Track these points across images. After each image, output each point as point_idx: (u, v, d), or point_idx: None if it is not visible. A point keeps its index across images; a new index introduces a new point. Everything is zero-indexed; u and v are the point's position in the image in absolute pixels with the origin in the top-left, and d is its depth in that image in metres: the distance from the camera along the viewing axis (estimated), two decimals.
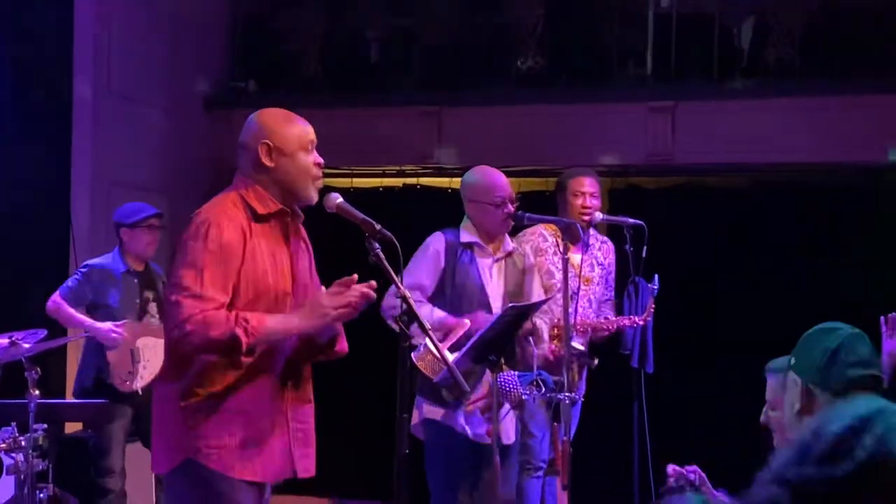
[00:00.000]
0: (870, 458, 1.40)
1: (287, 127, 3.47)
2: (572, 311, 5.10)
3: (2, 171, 7.00)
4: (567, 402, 4.78)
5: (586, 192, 5.55)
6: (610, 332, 5.48)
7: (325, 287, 3.43)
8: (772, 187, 7.77)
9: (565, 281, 4.92)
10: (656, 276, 5.29)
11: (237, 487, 3.36)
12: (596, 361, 5.51)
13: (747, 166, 7.71)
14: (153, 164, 8.04)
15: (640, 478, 5.40)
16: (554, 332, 5.33)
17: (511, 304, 4.79)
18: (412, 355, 4.64)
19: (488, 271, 5.02)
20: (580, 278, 5.43)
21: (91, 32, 7.54)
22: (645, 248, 5.30)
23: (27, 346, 5.00)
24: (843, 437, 1.43)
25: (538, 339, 5.08)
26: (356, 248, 3.39)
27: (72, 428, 6.66)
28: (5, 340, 4.99)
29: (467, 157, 7.36)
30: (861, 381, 2.61)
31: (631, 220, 5.40)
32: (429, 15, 8.53)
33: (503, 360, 4.61)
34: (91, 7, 7.53)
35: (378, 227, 3.37)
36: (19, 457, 4.99)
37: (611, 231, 5.98)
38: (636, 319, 5.38)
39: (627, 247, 5.36)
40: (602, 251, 5.73)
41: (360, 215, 3.43)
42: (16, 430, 5.04)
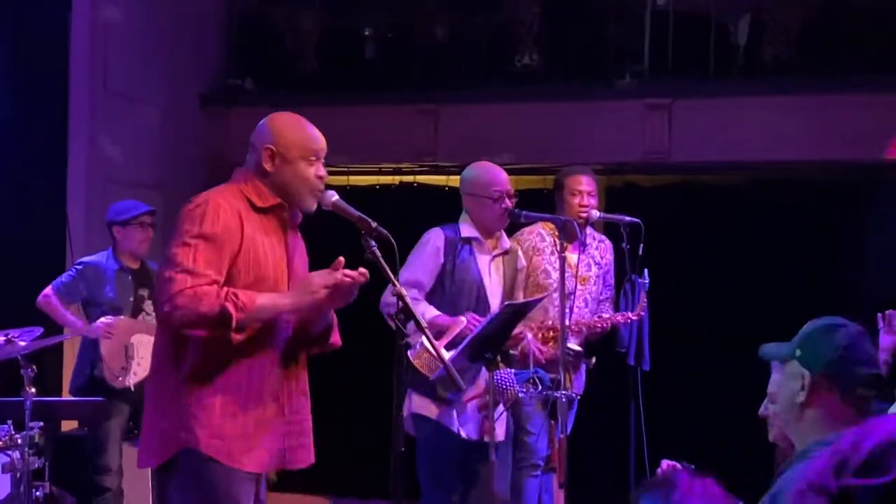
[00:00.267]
0: None
1: (293, 134, 3.48)
2: (568, 310, 5.10)
3: None
4: (563, 400, 4.78)
5: (584, 191, 5.54)
6: (605, 330, 5.48)
7: None
8: (768, 185, 7.77)
9: (561, 281, 4.92)
10: (646, 270, 5.31)
11: (235, 479, 3.33)
12: (593, 360, 5.51)
13: (744, 164, 7.71)
14: (150, 162, 8.03)
15: (636, 476, 5.40)
16: (550, 333, 5.33)
17: (507, 303, 4.79)
18: (408, 353, 4.64)
19: (487, 267, 5.02)
20: (577, 278, 5.43)
21: (87, 30, 7.53)
22: (641, 245, 5.30)
23: (23, 343, 5.00)
24: (882, 449, 1.43)
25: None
26: (352, 246, 3.39)
27: (68, 426, 6.65)
28: (1, 338, 4.98)
29: (464, 154, 7.34)
30: (867, 379, 2.63)
31: (627, 218, 5.40)
32: (426, 13, 8.53)
33: (499, 358, 4.61)
34: (88, 4, 7.52)
35: (374, 224, 3.37)
36: (15, 455, 4.99)
37: (607, 229, 5.98)
38: (629, 315, 5.39)
39: (624, 244, 5.36)
40: (599, 250, 5.73)
41: (356, 213, 3.43)
42: (12, 427, 5.04)
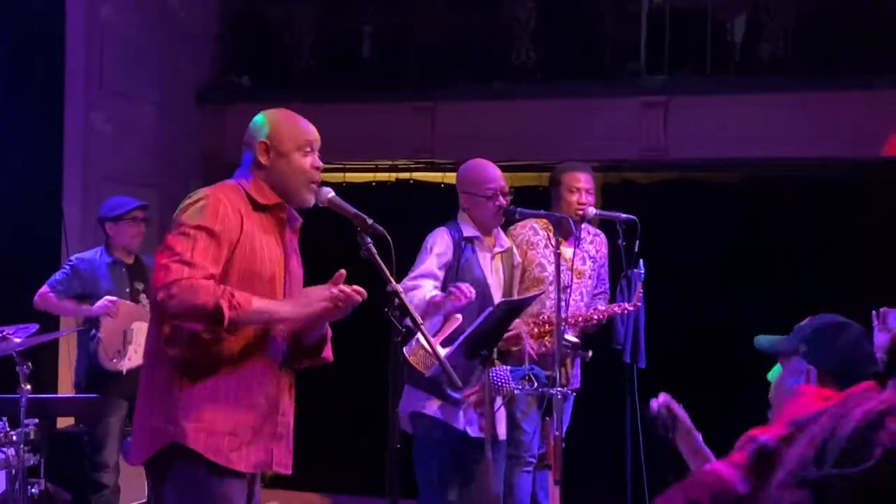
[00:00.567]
0: (885, 454, 1.40)
1: (287, 127, 3.49)
2: (564, 304, 5.09)
3: None
4: (559, 397, 4.77)
5: (581, 188, 5.53)
6: (601, 321, 5.48)
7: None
8: (765, 182, 7.78)
9: (557, 275, 4.91)
10: (641, 261, 5.30)
11: (224, 477, 3.31)
12: (590, 353, 5.50)
13: (740, 161, 7.71)
14: (145, 159, 8.03)
15: (632, 473, 5.40)
16: (546, 327, 5.32)
17: (503, 300, 4.79)
18: (404, 350, 4.63)
19: (489, 266, 5.02)
20: (572, 272, 5.43)
21: (83, 27, 7.53)
22: (637, 242, 5.29)
23: (18, 340, 4.99)
24: (861, 434, 1.42)
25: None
26: (348, 243, 3.39)
27: (64, 423, 6.65)
28: None
29: (461, 152, 7.33)
30: (869, 379, 2.66)
31: (624, 216, 5.39)
32: (422, 10, 8.53)
33: (495, 355, 4.60)
34: (83, 2, 7.52)
35: (370, 221, 3.36)
36: (11, 451, 4.98)
37: (603, 225, 5.98)
38: (626, 305, 5.38)
39: (620, 241, 5.35)
40: (594, 244, 5.73)
41: (351, 210, 3.42)
42: (7, 424, 5.03)
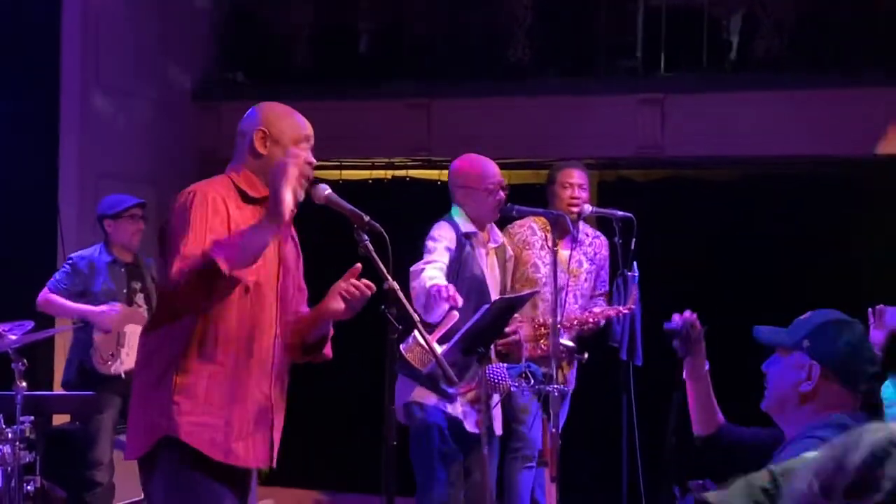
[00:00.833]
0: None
1: (285, 119, 3.51)
2: (559, 305, 5.09)
3: None
4: (556, 394, 4.77)
5: (574, 184, 5.54)
6: (598, 325, 5.47)
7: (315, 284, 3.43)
8: (761, 180, 7.77)
9: (554, 276, 4.91)
10: (635, 263, 5.30)
11: (215, 471, 3.31)
12: (586, 355, 5.50)
13: (737, 159, 7.71)
14: (141, 156, 8.01)
15: (628, 470, 5.40)
16: (541, 330, 5.32)
17: (499, 297, 4.78)
18: (401, 347, 4.63)
19: (485, 261, 5.01)
20: (567, 273, 5.42)
21: (78, 24, 7.51)
22: (634, 240, 5.29)
23: (14, 337, 4.99)
24: (868, 466, 1.40)
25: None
26: (345, 241, 3.39)
27: (59, 420, 6.64)
28: None
29: (456, 149, 7.31)
30: (871, 376, 2.66)
31: (620, 213, 5.39)
32: (418, 7, 8.52)
33: (492, 352, 4.61)
34: None
35: (367, 218, 3.36)
36: (6, 449, 4.97)
37: (600, 223, 5.98)
38: (621, 308, 5.38)
39: (616, 239, 5.36)
40: (594, 246, 5.72)
41: (348, 207, 3.42)
42: (2, 421, 5.02)
